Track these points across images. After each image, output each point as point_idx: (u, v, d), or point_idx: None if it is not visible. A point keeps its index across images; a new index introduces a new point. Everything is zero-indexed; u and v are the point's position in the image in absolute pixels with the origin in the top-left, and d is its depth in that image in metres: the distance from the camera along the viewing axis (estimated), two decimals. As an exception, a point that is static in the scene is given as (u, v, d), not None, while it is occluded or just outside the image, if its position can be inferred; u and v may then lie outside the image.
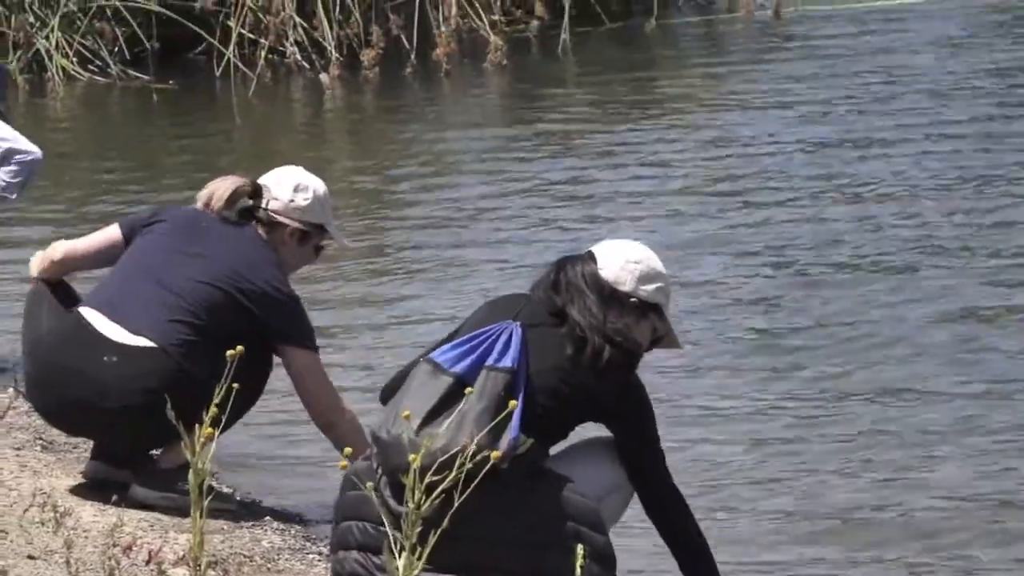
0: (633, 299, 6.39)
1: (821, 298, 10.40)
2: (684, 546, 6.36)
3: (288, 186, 7.42)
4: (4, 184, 9.92)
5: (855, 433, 8.72)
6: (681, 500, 6.41)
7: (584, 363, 6.23)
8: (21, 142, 10.18)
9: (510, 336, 6.19)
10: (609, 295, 6.32)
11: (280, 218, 7.37)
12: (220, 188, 7.42)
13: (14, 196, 10.09)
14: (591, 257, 6.42)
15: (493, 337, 6.20)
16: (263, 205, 7.38)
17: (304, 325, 7.35)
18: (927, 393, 9.01)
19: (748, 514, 7.88)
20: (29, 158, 10.00)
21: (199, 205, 7.46)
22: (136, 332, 7.10)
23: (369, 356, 9.53)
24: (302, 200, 7.41)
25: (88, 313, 7.25)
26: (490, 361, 6.12)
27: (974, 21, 18.27)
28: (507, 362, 6.14)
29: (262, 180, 7.45)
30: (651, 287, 6.49)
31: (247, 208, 7.36)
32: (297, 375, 7.28)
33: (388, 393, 6.34)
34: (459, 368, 6.14)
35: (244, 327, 7.08)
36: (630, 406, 6.39)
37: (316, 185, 7.48)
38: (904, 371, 9.53)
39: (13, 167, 9.92)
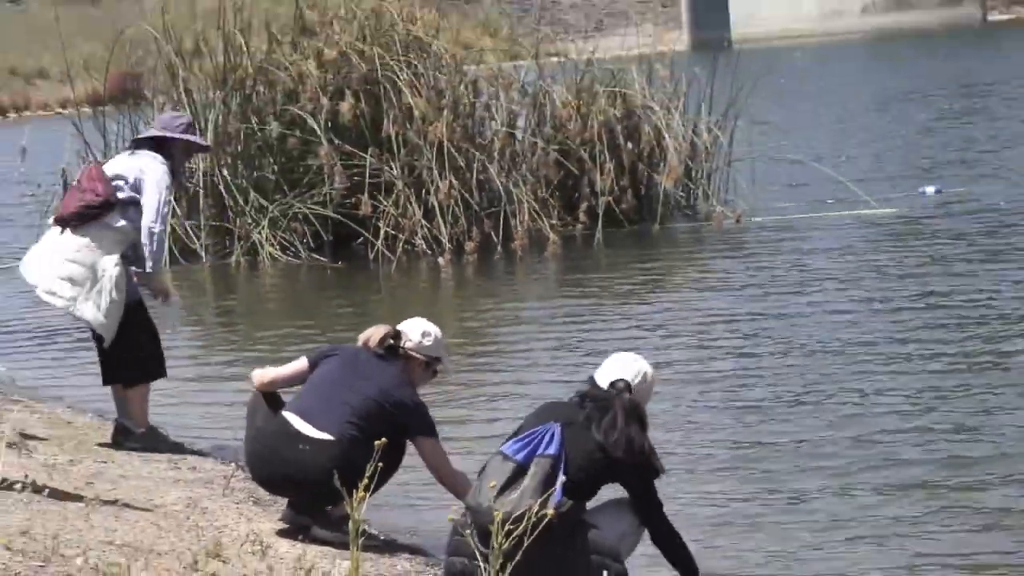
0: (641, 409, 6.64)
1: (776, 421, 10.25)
2: (675, 558, 6.59)
3: (418, 331, 7.70)
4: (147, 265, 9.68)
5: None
6: (675, 533, 6.61)
7: (605, 456, 6.46)
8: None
9: (552, 434, 6.41)
10: (636, 415, 6.53)
11: (413, 353, 7.64)
12: (374, 333, 7.70)
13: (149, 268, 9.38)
14: (627, 387, 6.60)
15: (541, 435, 6.43)
16: (402, 344, 7.59)
17: (430, 422, 7.53)
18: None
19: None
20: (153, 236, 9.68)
21: (360, 344, 7.71)
22: (321, 430, 7.37)
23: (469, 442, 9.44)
24: (427, 341, 7.67)
25: (290, 416, 7.51)
26: (540, 451, 6.40)
27: (886, 232, 18.31)
28: (551, 451, 6.36)
29: (400, 326, 7.70)
30: (649, 397, 6.83)
31: (391, 346, 7.57)
32: (427, 455, 7.50)
33: (479, 476, 6.54)
34: (520, 457, 6.40)
35: (391, 427, 7.21)
36: (639, 480, 6.58)
37: (436, 331, 7.74)
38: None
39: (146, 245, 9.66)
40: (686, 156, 19.90)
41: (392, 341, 7.61)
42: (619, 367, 6.71)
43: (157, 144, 9.53)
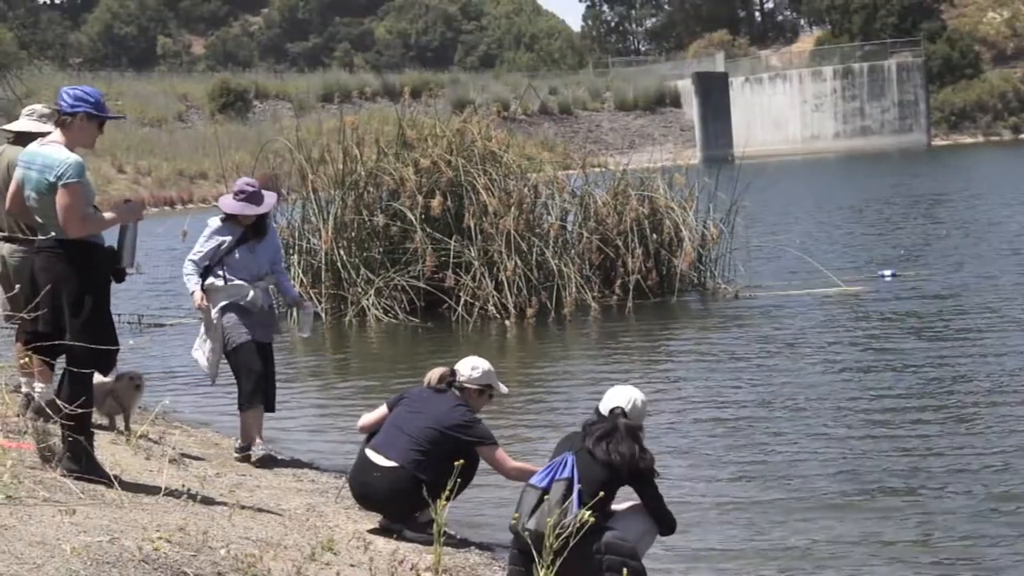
0: (637, 428, 6.51)
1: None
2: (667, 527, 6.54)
3: (468, 367, 7.65)
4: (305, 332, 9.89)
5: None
6: (670, 515, 6.59)
7: (611, 471, 6.40)
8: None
9: (567, 462, 6.37)
10: (621, 429, 6.45)
11: (465, 384, 7.55)
12: (434, 374, 7.69)
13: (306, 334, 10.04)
14: (623, 413, 6.55)
15: (559, 464, 6.41)
16: (457, 379, 7.50)
17: (484, 433, 7.43)
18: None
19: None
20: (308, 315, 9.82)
21: (424, 384, 7.65)
22: (388, 459, 7.39)
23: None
24: (476, 373, 7.60)
25: (368, 451, 7.54)
26: (557, 476, 6.34)
27: (851, 305, 18.12)
28: (565, 474, 6.33)
29: (456, 365, 7.66)
30: (643, 418, 6.69)
31: (448, 382, 7.53)
32: (489, 460, 7.43)
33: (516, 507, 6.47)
34: (543, 484, 6.36)
35: (455, 446, 7.20)
36: (643, 482, 6.53)
37: (484, 364, 7.64)
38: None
39: (305, 320, 9.76)
40: (698, 244, 19.89)
41: (450, 377, 7.60)
42: (615, 397, 6.72)
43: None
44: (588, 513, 5.95)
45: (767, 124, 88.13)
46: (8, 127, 9.64)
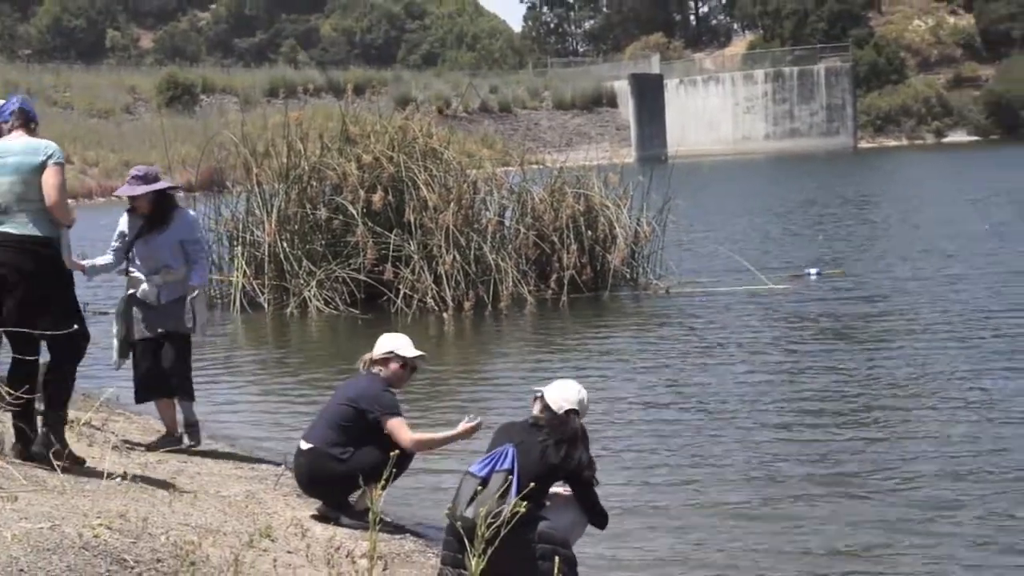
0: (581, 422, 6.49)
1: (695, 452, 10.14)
2: (602, 526, 6.55)
3: (379, 343, 7.57)
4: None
5: None
6: (603, 511, 6.53)
7: (554, 470, 6.37)
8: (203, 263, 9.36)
9: (507, 453, 6.29)
10: (579, 436, 6.40)
11: (374, 358, 7.52)
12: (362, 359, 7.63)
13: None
14: (576, 413, 6.46)
15: (499, 454, 6.32)
16: (372, 358, 7.51)
17: (387, 404, 7.33)
18: None
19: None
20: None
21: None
22: (308, 442, 7.38)
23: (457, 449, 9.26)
24: (385, 344, 7.55)
25: (301, 440, 7.53)
26: (498, 467, 6.27)
27: (777, 302, 18.19)
28: (506, 466, 6.26)
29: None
30: (586, 415, 6.64)
31: (367, 362, 7.54)
32: (391, 431, 7.28)
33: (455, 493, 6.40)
34: (483, 473, 6.29)
35: (365, 420, 7.25)
36: (581, 484, 6.48)
37: (394, 337, 7.60)
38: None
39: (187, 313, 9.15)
40: (631, 241, 19.98)
41: (369, 360, 7.56)
42: (567, 396, 6.52)
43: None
44: (523, 504, 5.93)
45: (700, 125, 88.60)
46: None
